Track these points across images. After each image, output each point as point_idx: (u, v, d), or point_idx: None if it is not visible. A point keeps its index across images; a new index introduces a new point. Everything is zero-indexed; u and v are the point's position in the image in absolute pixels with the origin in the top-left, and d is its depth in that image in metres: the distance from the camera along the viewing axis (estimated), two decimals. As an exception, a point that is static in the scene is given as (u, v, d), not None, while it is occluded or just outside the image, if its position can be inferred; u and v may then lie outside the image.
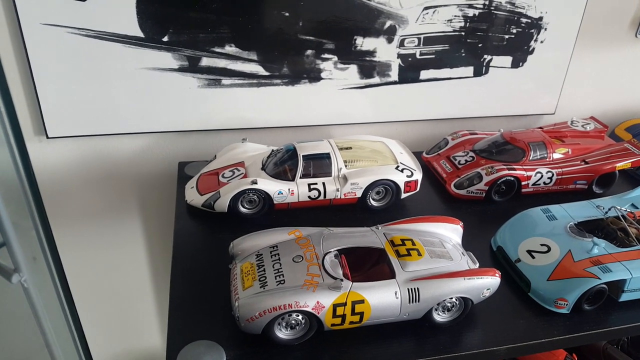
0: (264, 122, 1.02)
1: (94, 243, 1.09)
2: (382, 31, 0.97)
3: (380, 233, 0.70)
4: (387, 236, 0.69)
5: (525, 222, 0.83)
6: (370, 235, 0.69)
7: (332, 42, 0.96)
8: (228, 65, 0.93)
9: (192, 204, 0.85)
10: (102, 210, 1.05)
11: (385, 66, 1.01)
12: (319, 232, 0.70)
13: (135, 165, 1.02)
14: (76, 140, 0.97)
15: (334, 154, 0.87)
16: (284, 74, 0.97)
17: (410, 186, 0.88)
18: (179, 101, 0.95)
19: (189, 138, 1.02)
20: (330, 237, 0.68)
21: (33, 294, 0.54)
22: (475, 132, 1.06)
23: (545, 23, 1.04)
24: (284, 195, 0.84)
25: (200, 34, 0.89)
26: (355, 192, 0.86)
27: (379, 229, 0.72)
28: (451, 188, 0.94)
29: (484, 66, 1.06)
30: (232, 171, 0.88)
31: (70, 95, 0.90)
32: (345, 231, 0.71)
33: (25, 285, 0.52)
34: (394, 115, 1.08)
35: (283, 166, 0.86)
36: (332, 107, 1.04)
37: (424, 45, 1.00)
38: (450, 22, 0.99)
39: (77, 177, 1.00)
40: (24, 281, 0.51)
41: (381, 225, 0.73)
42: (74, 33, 0.85)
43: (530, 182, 0.94)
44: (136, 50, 0.89)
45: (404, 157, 0.91)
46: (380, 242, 0.68)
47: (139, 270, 1.16)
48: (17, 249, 0.49)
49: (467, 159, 0.98)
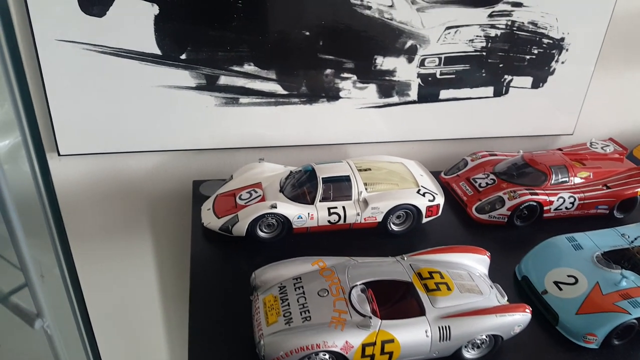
0: (280, 141, 1.00)
1: (104, 263, 1.06)
2: (403, 51, 0.95)
3: (407, 264, 0.68)
4: (414, 268, 0.67)
5: (551, 251, 0.81)
6: (397, 267, 0.67)
7: (351, 62, 0.94)
8: (246, 84, 0.92)
9: (209, 227, 0.83)
10: (113, 231, 1.03)
11: (404, 85, 0.99)
12: (344, 262, 0.68)
13: (148, 184, 1.00)
14: (88, 158, 0.94)
15: (354, 176, 0.85)
16: (302, 93, 0.95)
17: (432, 211, 0.86)
18: (195, 119, 0.93)
19: (204, 156, 1.00)
20: (356, 269, 0.66)
21: (56, 340, 0.51)
22: (494, 153, 1.04)
23: (567, 44, 1.03)
24: (304, 219, 0.82)
25: (219, 52, 0.87)
26: (376, 216, 0.84)
27: (404, 259, 0.70)
28: (472, 212, 0.92)
29: (504, 86, 1.05)
30: (249, 192, 0.86)
31: (83, 113, 0.88)
32: (371, 261, 0.69)
33: (49, 332, 0.49)
34: (412, 135, 1.06)
35: (302, 188, 0.84)
36: (350, 126, 1.02)
37: (444, 65, 0.98)
38: (471, 42, 0.97)
39: (88, 196, 0.98)
40: (47, 327, 0.49)
41: (407, 256, 0.71)
42: (90, 49, 0.83)
43: (553, 207, 0.92)
44: (153, 68, 0.87)
45: (425, 180, 0.90)
46: (407, 274, 0.66)
47: (151, 295, 1.13)
48: (40, 292, 0.47)
49: (487, 181, 0.96)
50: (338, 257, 0.70)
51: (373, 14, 0.90)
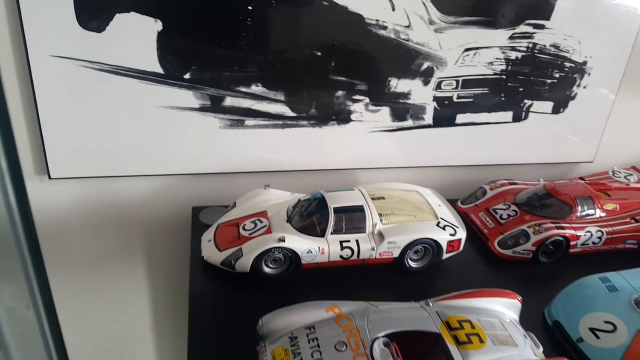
0: (286, 165, 0.94)
1: (93, 296, 0.99)
2: (419, 73, 0.89)
3: (433, 311, 0.61)
4: (442, 316, 0.60)
5: (584, 294, 0.74)
6: (422, 315, 0.60)
7: (364, 83, 0.88)
8: (253, 106, 0.86)
9: (209, 260, 0.76)
10: (105, 260, 0.96)
11: (419, 109, 0.93)
12: (362, 309, 0.61)
13: (144, 210, 0.94)
14: (81, 182, 0.88)
15: (368, 206, 0.79)
16: (311, 115, 0.90)
17: (453, 246, 0.79)
18: (197, 142, 0.87)
19: (205, 181, 0.94)
20: (377, 317, 0.59)
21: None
22: (514, 182, 0.98)
23: (589, 68, 0.98)
24: (314, 254, 0.75)
25: (225, 72, 0.82)
26: (392, 251, 0.77)
27: (430, 305, 0.63)
28: (495, 247, 0.85)
29: (524, 111, 0.99)
30: (254, 222, 0.79)
31: (77, 133, 0.82)
32: (392, 308, 0.62)
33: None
34: (426, 160, 1.00)
35: (311, 219, 0.78)
36: (360, 150, 0.96)
37: (462, 88, 0.93)
38: (491, 65, 0.92)
39: (80, 221, 0.91)
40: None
41: (432, 301, 0.64)
42: (87, 66, 0.78)
43: (579, 242, 0.86)
44: (154, 87, 0.81)
45: (444, 211, 0.83)
46: (434, 323, 0.59)
47: (143, 334, 1.05)
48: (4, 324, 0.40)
49: (509, 213, 0.90)
50: (355, 302, 0.63)
51: (388, 34, 0.84)
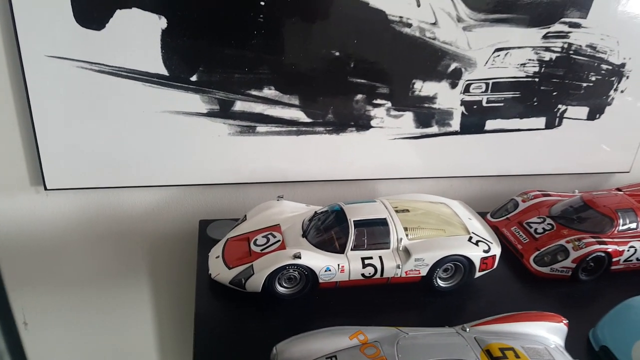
0: (300, 175, 0.87)
1: (91, 317, 0.92)
2: (446, 74, 0.83)
3: (470, 338, 0.54)
4: (481, 343, 0.53)
5: (634, 316, 0.66)
6: (459, 342, 0.53)
7: (386, 86, 0.82)
8: (265, 111, 0.79)
9: (217, 279, 0.69)
10: (105, 276, 0.90)
11: (446, 114, 0.86)
12: (391, 336, 0.53)
13: (148, 224, 0.87)
14: (80, 193, 0.82)
15: (392, 219, 0.72)
16: (328, 121, 0.83)
17: (486, 263, 0.72)
18: (205, 150, 0.81)
19: (214, 192, 0.87)
20: (408, 345, 0.52)
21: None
22: (548, 193, 0.90)
23: (628, 70, 0.90)
24: (332, 272, 0.67)
25: (235, 74, 0.75)
26: (420, 269, 0.70)
27: (466, 330, 0.55)
28: (530, 264, 0.78)
29: (558, 117, 0.92)
30: (266, 237, 0.72)
31: (75, 140, 0.76)
32: (425, 334, 0.54)
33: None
34: (452, 170, 0.93)
35: (329, 233, 0.70)
36: (381, 159, 0.89)
37: (492, 91, 0.86)
38: (523, 67, 0.85)
39: (79, 236, 0.85)
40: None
41: (469, 326, 0.56)
42: (85, 68, 0.72)
43: (622, 258, 0.78)
44: (158, 91, 0.75)
45: (475, 225, 0.76)
46: (474, 353, 0.51)
47: (145, 354, 0.98)
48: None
49: (544, 227, 0.82)
50: (381, 327, 0.55)
51: (413, 33, 0.78)
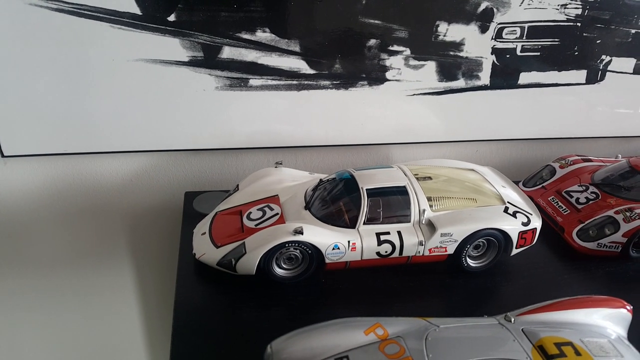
0: (302, 139, 0.78)
1: (66, 303, 0.84)
2: (475, 15, 0.70)
3: (517, 330, 0.43)
4: (531, 337, 0.42)
5: None
6: (504, 336, 0.42)
7: (405, 29, 0.69)
8: (259, 59, 0.68)
9: (202, 260, 0.58)
10: (78, 257, 0.82)
11: (474, 64, 0.74)
12: (418, 329, 0.42)
13: (126, 196, 0.78)
14: (45, 161, 0.73)
15: (412, 187, 0.60)
16: (335, 73, 0.71)
17: (525, 239, 0.60)
18: (189, 108, 0.71)
19: (200, 159, 0.78)
20: (440, 341, 0.41)
21: None
22: (589, 158, 0.79)
23: (687, 13, 0.77)
24: (342, 250, 0.56)
25: (221, 12, 0.65)
26: (447, 246, 0.58)
27: (512, 321, 0.44)
28: (573, 239, 0.66)
29: (600, 70, 0.79)
30: (262, 210, 0.63)
31: (35, 98, 0.66)
32: (460, 327, 0.43)
33: None
34: (477, 133, 0.81)
35: (337, 204, 0.60)
36: (396, 120, 0.78)
37: (527, 37, 0.74)
38: (564, 8, 0.72)
39: (46, 212, 0.77)
40: None
41: (514, 315, 0.45)
42: (39, 5, 0.60)
43: (683, 232, 0.66)
44: (129, 34, 0.64)
45: (511, 194, 0.64)
46: (523, 350, 0.40)
47: (128, 341, 0.88)
48: None
49: (588, 196, 0.71)
50: (404, 318, 0.44)
51: (437, -38, 0.65)
